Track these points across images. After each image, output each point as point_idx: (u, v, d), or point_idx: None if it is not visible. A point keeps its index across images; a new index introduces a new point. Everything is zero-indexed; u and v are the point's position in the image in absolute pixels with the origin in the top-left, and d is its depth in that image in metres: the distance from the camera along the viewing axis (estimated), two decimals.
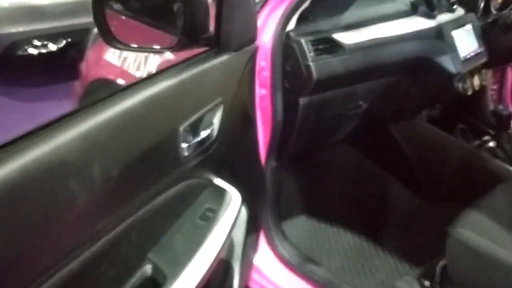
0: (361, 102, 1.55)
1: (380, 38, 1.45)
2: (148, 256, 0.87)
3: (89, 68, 1.89)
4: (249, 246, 1.27)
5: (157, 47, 1.10)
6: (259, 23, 1.31)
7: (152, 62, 1.53)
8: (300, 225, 1.76)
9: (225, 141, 1.04)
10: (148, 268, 0.87)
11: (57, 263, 0.66)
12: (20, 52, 3.33)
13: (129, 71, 1.61)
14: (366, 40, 1.42)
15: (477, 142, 1.93)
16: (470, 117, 2.01)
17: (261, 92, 1.34)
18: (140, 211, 0.81)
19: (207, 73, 0.98)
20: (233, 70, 1.06)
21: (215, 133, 0.98)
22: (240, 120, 1.13)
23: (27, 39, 3.33)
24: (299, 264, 1.43)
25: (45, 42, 3.39)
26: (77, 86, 2.00)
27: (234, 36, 1.04)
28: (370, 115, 1.63)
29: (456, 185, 1.74)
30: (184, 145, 0.88)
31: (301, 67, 1.31)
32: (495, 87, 2.32)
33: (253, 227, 1.30)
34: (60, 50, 3.41)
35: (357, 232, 1.74)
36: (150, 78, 0.85)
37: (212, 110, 0.97)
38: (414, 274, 1.53)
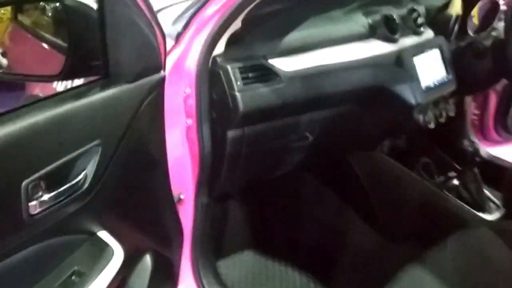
0: (307, 134, 1.40)
1: (326, 64, 1.30)
2: None
3: None
4: None
5: (42, 74, 0.96)
6: (182, 46, 1.18)
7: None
8: (242, 265, 1.61)
9: (111, 187, 0.90)
10: None
11: None
12: None
13: (58, 88, 1.48)
14: (309, 67, 1.28)
15: (442, 178, 1.76)
16: (437, 149, 1.85)
17: (187, 121, 1.21)
18: None
19: (83, 110, 0.84)
20: (124, 105, 0.92)
21: (88, 181, 0.84)
22: (137, 162, 0.99)
23: None
24: None
25: None
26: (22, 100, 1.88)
27: (125, 65, 0.90)
28: (320, 147, 1.48)
29: (416, 225, 1.59)
30: (32, 202, 0.74)
31: (227, 97, 1.17)
32: (477, 111, 2.16)
33: (164, 276, 1.16)
34: None
35: (306, 272, 1.60)
36: None
37: (85, 155, 0.83)
38: None
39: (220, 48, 1.19)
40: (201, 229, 1.33)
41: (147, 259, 1.05)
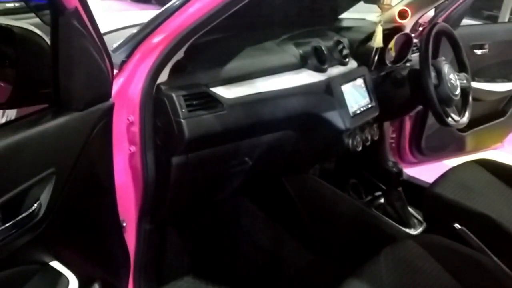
0: (246, 159, 1.45)
1: (264, 92, 1.37)
2: None
3: None
4: None
5: None
6: (126, 74, 1.19)
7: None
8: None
9: (63, 215, 0.89)
10: None
11: None
12: None
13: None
14: (248, 95, 1.34)
15: (369, 197, 1.89)
16: (364, 171, 1.98)
17: (131, 149, 1.22)
18: None
19: (36, 138, 0.83)
20: (75, 133, 0.92)
21: (43, 210, 0.83)
22: (88, 189, 0.99)
23: None
24: None
25: None
26: None
27: (76, 93, 0.91)
28: (258, 171, 1.54)
29: (348, 242, 1.68)
30: None
31: (172, 124, 1.20)
32: (394, 135, 2.33)
33: None
34: None
35: None
36: None
37: (39, 184, 0.82)
38: None
39: (164, 76, 1.22)
40: (143, 256, 1.32)
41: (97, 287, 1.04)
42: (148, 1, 8.20)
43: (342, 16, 2.05)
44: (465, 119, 1.76)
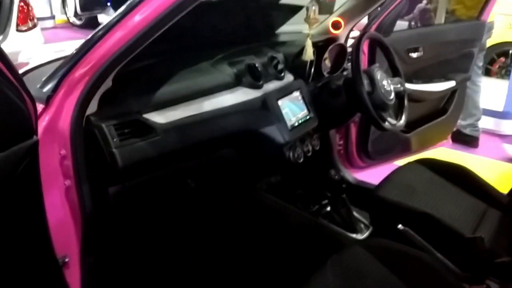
0: (189, 181, 1.45)
1: (199, 114, 1.38)
2: None
3: None
4: None
5: None
6: (53, 109, 1.18)
7: None
8: None
9: None
10: None
11: None
12: None
13: None
14: (182, 118, 1.34)
15: (316, 207, 1.92)
16: (310, 181, 2.01)
17: (66, 183, 1.20)
18: None
19: None
20: None
21: None
22: (16, 231, 0.96)
23: None
24: None
25: None
26: None
27: None
28: (203, 192, 1.54)
29: (298, 253, 1.69)
30: None
31: (105, 155, 1.19)
32: (341, 142, 2.38)
33: None
34: None
35: None
36: None
37: None
38: None
39: (93, 107, 1.21)
40: None
41: None
42: (96, 28, 8.10)
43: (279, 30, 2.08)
44: (402, 122, 1.82)
